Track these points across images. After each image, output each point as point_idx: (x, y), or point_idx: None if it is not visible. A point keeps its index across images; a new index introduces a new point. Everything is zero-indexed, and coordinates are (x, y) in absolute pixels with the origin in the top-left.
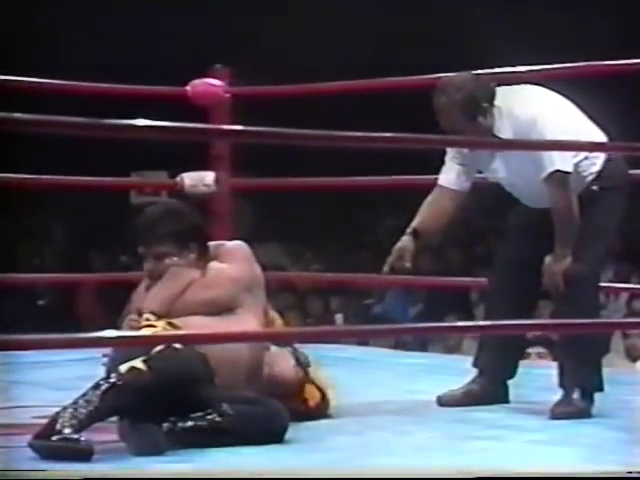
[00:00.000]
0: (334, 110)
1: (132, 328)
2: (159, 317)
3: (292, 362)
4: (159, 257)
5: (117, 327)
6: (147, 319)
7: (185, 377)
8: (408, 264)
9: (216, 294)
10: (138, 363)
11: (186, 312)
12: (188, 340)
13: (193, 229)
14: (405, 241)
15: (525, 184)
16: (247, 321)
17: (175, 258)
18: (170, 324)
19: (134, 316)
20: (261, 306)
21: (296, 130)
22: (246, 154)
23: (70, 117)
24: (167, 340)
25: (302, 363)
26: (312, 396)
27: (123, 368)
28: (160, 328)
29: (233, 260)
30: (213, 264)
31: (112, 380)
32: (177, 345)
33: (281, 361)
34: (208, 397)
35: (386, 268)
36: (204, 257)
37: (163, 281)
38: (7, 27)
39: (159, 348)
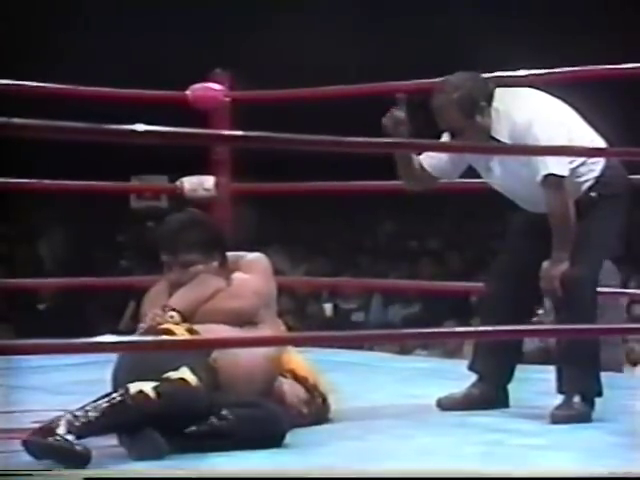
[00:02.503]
0: (334, 114)
1: (155, 322)
2: (183, 317)
3: (303, 396)
4: (185, 265)
5: (117, 331)
6: (171, 316)
7: (191, 411)
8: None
9: (242, 305)
10: (148, 388)
11: (209, 319)
12: (187, 346)
13: (217, 238)
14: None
15: (521, 187)
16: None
17: (200, 266)
18: (190, 331)
19: (159, 311)
20: (276, 321)
21: (296, 135)
22: (246, 158)
23: (70, 122)
24: (167, 347)
25: (315, 398)
26: (315, 402)
27: (132, 389)
28: (179, 335)
29: (254, 272)
30: (238, 275)
31: (117, 398)
32: (189, 376)
33: (293, 392)
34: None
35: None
36: (225, 266)
37: (192, 284)
38: (6, 30)
39: (171, 375)
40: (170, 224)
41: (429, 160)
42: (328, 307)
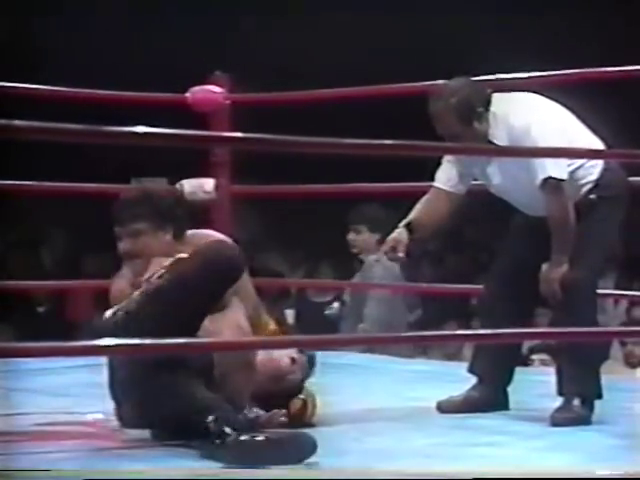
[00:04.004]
0: (334, 117)
1: None
2: None
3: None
4: (133, 235)
5: None
6: None
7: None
8: (401, 254)
9: None
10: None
11: None
12: (190, 348)
13: (170, 210)
14: (399, 232)
15: (520, 191)
16: (235, 315)
17: (149, 237)
18: None
19: None
20: (250, 299)
21: (296, 137)
22: (246, 161)
23: (70, 124)
24: (167, 348)
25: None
26: (293, 403)
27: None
28: None
29: None
30: None
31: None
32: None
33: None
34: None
35: (379, 256)
36: (181, 241)
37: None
38: (6, 33)
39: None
40: (121, 197)
41: (442, 180)
42: (290, 313)
